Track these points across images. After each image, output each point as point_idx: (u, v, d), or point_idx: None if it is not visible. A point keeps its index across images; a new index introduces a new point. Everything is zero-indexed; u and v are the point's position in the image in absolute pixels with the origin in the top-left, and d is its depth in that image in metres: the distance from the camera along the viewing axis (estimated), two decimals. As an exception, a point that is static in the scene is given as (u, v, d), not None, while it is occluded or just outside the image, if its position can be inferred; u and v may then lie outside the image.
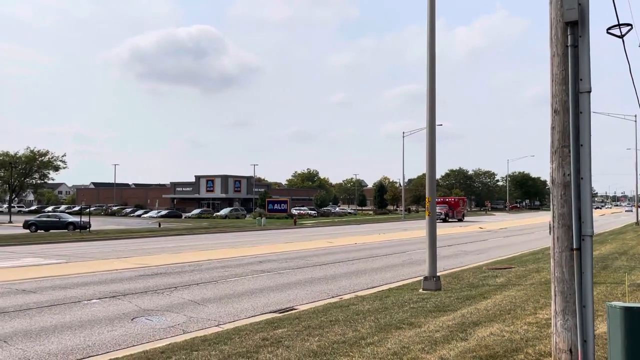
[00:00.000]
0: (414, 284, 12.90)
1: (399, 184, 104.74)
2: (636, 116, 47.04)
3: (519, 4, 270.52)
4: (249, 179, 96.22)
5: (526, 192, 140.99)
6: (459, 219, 61.04)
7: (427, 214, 12.52)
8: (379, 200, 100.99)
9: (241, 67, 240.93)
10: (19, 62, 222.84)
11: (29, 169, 76.07)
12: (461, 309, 9.47)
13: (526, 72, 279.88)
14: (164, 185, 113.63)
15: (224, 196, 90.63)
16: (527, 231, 39.60)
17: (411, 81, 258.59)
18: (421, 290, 11.78)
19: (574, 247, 5.25)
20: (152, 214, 76.54)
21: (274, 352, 6.79)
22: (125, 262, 19.34)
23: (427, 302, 10.21)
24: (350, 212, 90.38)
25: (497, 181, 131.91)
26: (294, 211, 72.14)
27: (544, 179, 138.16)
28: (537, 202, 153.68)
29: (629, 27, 6.82)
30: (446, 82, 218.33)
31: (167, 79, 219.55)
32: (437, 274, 12.24)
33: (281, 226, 49.17)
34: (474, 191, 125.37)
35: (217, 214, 73.96)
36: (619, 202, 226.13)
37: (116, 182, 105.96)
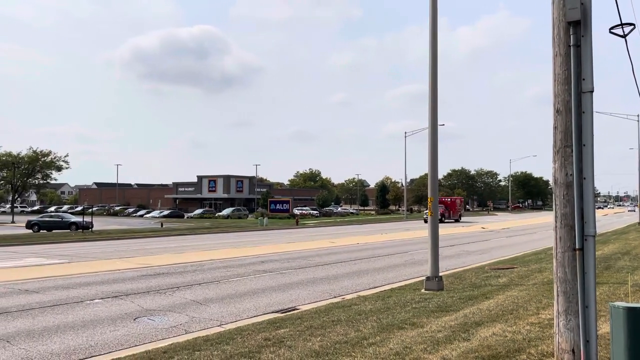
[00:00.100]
0: (416, 284, 12.89)
1: (401, 184, 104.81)
2: (639, 116, 46.91)
3: (521, 4, 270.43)
4: (251, 179, 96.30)
5: (528, 192, 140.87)
6: (456, 219, 60.40)
7: (429, 214, 12.53)
8: (381, 200, 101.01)
9: (243, 67, 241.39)
10: (20, 62, 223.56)
11: (32, 169, 76.37)
12: (463, 309, 9.47)
13: (528, 72, 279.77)
14: (166, 185, 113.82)
15: (226, 196, 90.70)
16: (529, 231, 39.56)
17: (413, 81, 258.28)
18: (423, 290, 11.77)
19: (577, 247, 5.24)
20: (155, 214, 76.68)
21: (276, 352, 6.79)
22: (127, 262, 19.37)
23: (430, 302, 10.20)
24: (352, 212, 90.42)
25: (500, 181, 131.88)
26: (296, 211, 72.16)
27: (547, 178, 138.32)
28: (539, 202, 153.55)
29: (632, 26, 6.80)
30: (448, 82, 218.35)
31: (168, 79, 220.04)
32: (440, 274, 12.23)
33: (283, 226, 49.19)
34: (476, 191, 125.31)
35: (219, 214, 74.05)
36: (621, 202, 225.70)
37: (118, 182, 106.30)
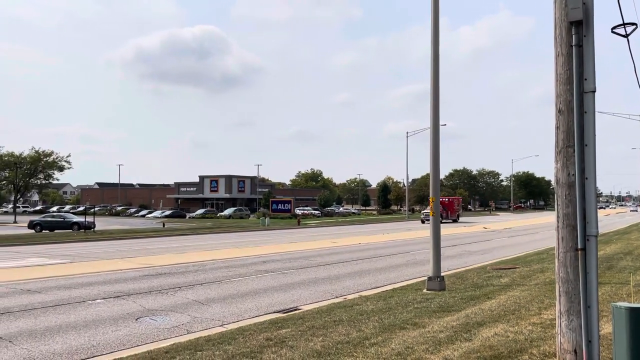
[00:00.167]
0: (418, 284, 12.89)
1: (403, 184, 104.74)
2: (641, 116, 46.79)
3: (523, 4, 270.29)
4: (252, 179, 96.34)
5: (530, 192, 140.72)
6: (454, 220, 59.43)
7: (431, 214, 12.52)
8: (382, 200, 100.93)
9: (244, 67, 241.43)
10: (24, 62, 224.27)
11: (34, 169, 76.55)
12: (465, 309, 9.46)
13: (530, 71, 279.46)
14: (168, 185, 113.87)
15: (227, 196, 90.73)
16: (531, 231, 39.51)
17: (415, 81, 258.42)
18: (425, 290, 11.77)
19: (579, 247, 5.23)
20: (156, 214, 76.74)
21: (278, 352, 6.79)
22: (129, 262, 19.39)
23: (431, 302, 10.19)
24: (354, 212, 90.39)
25: (502, 181, 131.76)
26: (298, 211, 72.19)
27: (549, 178, 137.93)
28: (541, 202, 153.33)
29: (634, 26, 6.79)
30: (450, 82, 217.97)
31: (170, 79, 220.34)
32: (441, 274, 12.23)
33: (285, 226, 49.20)
34: (478, 191, 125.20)
35: (221, 214, 74.08)
36: (623, 202, 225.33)
37: (120, 182, 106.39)
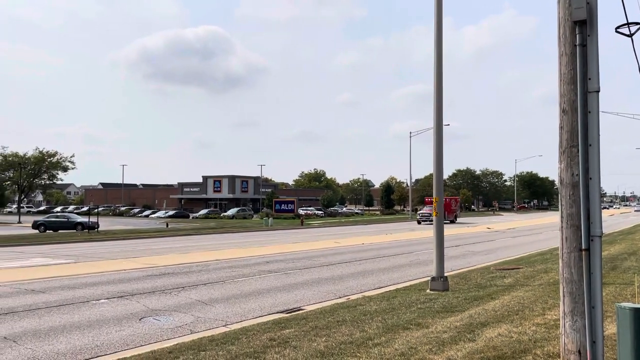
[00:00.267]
0: (421, 285, 12.87)
1: (406, 184, 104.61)
2: (645, 115, 46.68)
3: (527, 3, 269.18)
4: (256, 179, 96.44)
5: (534, 192, 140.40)
6: (451, 220, 57.28)
7: (434, 214, 12.50)
8: (386, 200, 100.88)
9: (247, 68, 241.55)
10: (28, 63, 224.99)
11: (38, 170, 76.73)
12: (469, 309, 9.44)
13: (534, 71, 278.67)
14: (172, 185, 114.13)
15: (231, 196, 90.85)
16: (535, 231, 39.41)
17: (418, 81, 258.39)
18: (429, 290, 11.75)
19: (583, 247, 5.22)
20: (160, 214, 76.93)
21: (281, 353, 6.79)
22: (133, 262, 19.43)
23: (435, 302, 10.18)
24: (357, 213, 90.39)
25: (505, 181, 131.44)
26: (301, 211, 72.23)
27: (552, 179, 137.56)
28: (545, 202, 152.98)
29: (638, 25, 6.77)
30: (453, 82, 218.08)
31: (174, 80, 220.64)
32: (445, 275, 12.21)
33: (288, 226, 49.22)
34: (481, 191, 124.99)
35: (225, 214, 74.14)
36: (628, 202, 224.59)
37: (124, 182, 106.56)
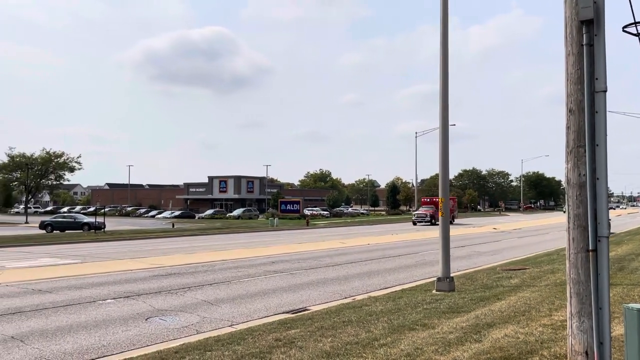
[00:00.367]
0: (427, 285, 12.85)
1: (412, 185, 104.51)
2: (653, 115, 46.41)
3: (534, 3, 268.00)
4: (261, 179, 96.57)
5: (540, 193, 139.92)
6: (449, 221, 56.83)
7: (440, 215, 12.47)
8: (391, 200, 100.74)
9: (253, 68, 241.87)
10: (33, 64, 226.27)
11: (45, 170, 77.04)
12: (475, 310, 9.41)
13: (540, 71, 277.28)
14: (177, 186, 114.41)
15: (236, 197, 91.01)
16: (541, 232, 39.25)
17: (423, 81, 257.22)
18: (434, 291, 11.73)
19: (590, 248, 5.19)
20: (166, 214, 77.19)
21: (287, 353, 6.80)
22: (139, 262, 19.49)
23: (441, 303, 10.16)
24: (362, 213, 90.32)
25: (511, 181, 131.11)
26: (307, 212, 72.26)
27: (559, 179, 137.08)
28: (551, 203, 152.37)
29: (646, 25, 6.72)
30: (459, 82, 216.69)
31: (179, 81, 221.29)
32: (451, 275, 12.19)
33: (294, 227, 49.25)
34: (487, 191, 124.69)
35: (230, 214, 74.33)
36: (635, 202, 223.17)
37: (130, 182, 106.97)
